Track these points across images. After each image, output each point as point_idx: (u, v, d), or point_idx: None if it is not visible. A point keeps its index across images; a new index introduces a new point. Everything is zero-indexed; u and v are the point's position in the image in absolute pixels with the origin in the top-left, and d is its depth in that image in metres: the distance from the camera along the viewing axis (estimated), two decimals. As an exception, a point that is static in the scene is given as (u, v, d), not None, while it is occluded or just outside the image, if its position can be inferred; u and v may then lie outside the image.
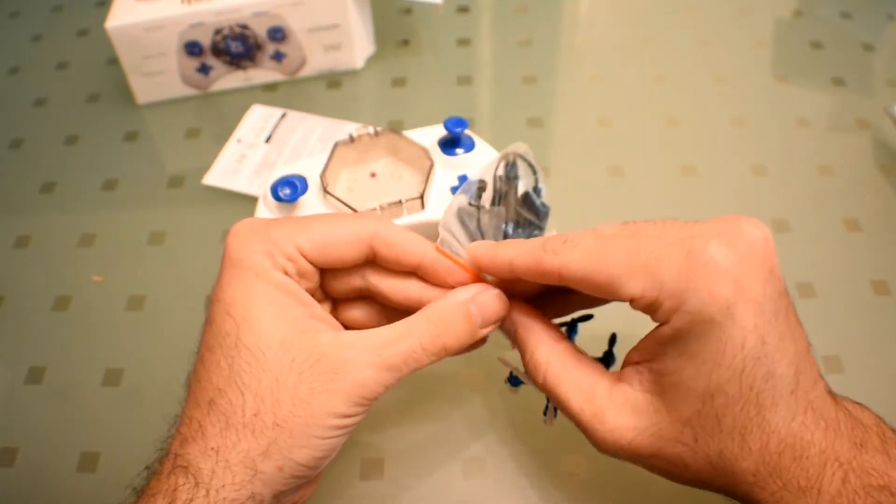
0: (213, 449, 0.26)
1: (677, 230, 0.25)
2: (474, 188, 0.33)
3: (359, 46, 0.56)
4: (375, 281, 0.31)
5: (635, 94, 0.54)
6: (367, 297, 0.32)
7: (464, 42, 0.59)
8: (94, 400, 0.39)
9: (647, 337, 0.27)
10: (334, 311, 0.33)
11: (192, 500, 0.25)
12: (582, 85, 0.55)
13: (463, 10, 0.62)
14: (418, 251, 0.30)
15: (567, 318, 0.37)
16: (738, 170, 0.49)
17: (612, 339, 0.37)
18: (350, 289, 0.32)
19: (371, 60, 0.58)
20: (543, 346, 0.29)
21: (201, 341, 0.28)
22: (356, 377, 0.27)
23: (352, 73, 0.57)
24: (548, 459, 0.36)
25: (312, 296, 0.30)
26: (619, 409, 0.27)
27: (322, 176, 0.39)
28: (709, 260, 0.24)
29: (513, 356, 0.36)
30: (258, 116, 0.53)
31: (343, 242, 0.29)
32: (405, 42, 0.59)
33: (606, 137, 0.51)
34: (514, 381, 0.36)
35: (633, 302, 0.26)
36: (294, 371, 0.26)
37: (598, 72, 0.56)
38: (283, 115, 0.53)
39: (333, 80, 0.56)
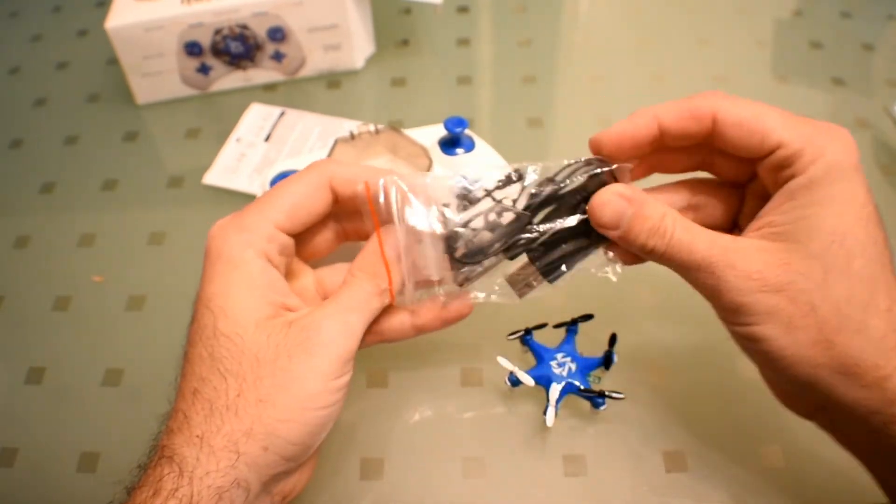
0: (197, 436, 0.26)
1: None
2: (505, 174, 0.30)
3: (358, 46, 0.56)
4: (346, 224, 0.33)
5: (635, 94, 0.54)
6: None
7: (463, 42, 0.59)
8: (94, 400, 0.39)
9: (773, 199, 0.27)
10: (318, 280, 0.33)
11: (176, 489, 0.25)
12: (582, 85, 0.55)
13: (463, 10, 0.62)
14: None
15: (567, 319, 0.37)
16: (737, 170, 0.49)
17: (612, 339, 0.37)
18: (325, 244, 0.33)
19: (371, 60, 0.58)
20: (669, 211, 0.28)
21: (186, 341, 0.29)
22: (325, 329, 0.28)
23: (351, 73, 0.57)
24: (548, 459, 0.36)
25: (299, 271, 0.32)
26: (745, 250, 0.27)
27: (322, 175, 0.39)
28: (844, 133, 0.27)
29: (511, 357, 0.36)
30: (257, 115, 0.53)
31: (309, 197, 0.30)
32: (405, 42, 0.59)
33: (606, 137, 0.51)
34: (513, 380, 0.36)
35: (778, 150, 0.27)
36: (271, 345, 0.27)
37: (598, 72, 0.56)
38: (282, 114, 0.53)
39: (333, 80, 0.56)
